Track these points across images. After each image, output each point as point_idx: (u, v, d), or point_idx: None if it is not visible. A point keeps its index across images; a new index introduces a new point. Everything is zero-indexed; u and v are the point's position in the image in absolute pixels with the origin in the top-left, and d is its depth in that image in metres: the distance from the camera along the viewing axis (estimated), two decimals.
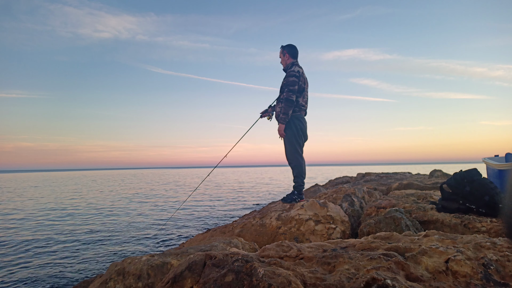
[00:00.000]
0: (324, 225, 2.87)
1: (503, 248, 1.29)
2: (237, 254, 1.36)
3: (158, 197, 14.69)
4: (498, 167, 4.15)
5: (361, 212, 3.79)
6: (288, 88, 3.27)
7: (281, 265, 1.28)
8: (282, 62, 3.51)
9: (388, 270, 1.16)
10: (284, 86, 3.33)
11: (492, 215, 2.56)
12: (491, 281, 1.10)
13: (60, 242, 6.09)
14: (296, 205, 3.16)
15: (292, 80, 3.27)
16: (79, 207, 11.58)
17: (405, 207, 3.15)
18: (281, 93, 3.42)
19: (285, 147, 3.44)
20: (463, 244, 1.37)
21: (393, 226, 2.47)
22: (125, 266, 1.87)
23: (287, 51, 3.47)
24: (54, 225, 7.96)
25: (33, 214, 9.92)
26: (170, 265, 1.83)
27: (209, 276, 1.21)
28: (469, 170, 2.82)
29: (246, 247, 2.43)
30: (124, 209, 10.68)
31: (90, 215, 9.55)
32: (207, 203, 11.91)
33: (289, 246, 1.54)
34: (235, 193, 16.31)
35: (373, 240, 1.59)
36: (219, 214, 9.21)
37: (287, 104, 3.26)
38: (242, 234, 2.98)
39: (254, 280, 1.11)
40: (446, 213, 2.77)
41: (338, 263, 1.29)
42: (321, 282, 1.14)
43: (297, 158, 3.40)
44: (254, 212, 3.54)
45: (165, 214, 9.50)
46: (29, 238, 6.52)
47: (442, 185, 2.96)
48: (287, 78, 3.32)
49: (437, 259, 1.25)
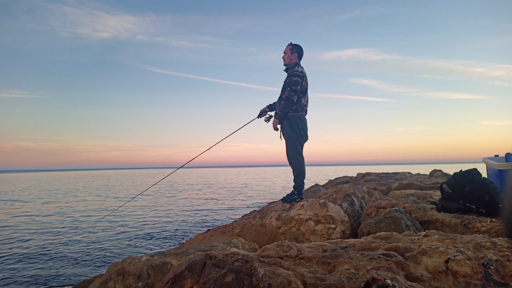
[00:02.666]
0: (324, 225, 2.87)
1: (503, 248, 1.29)
2: (237, 254, 1.36)
3: (158, 197, 14.69)
4: (498, 167, 4.15)
5: (361, 212, 3.79)
6: (291, 87, 3.25)
7: (281, 265, 1.28)
8: (287, 59, 3.45)
9: (388, 270, 1.16)
10: (287, 85, 3.31)
11: (492, 215, 2.56)
12: (491, 281, 1.10)
13: (59, 242, 6.09)
14: (296, 205, 3.16)
15: (295, 80, 3.26)
16: (78, 207, 11.58)
17: (405, 207, 3.15)
18: (283, 92, 3.40)
19: (287, 147, 3.43)
20: (463, 244, 1.37)
21: (393, 226, 2.47)
22: (125, 266, 1.87)
23: (297, 50, 3.44)
24: (53, 225, 7.96)
25: (32, 214, 9.92)
26: (170, 265, 1.83)
27: (209, 276, 1.21)
28: (469, 170, 2.82)
29: (246, 247, 2.43)
30: (124, 209, 10.68)
31: (90, 214, 9.55)
32: (207, 203, 11.91)
33: (289, 246, 1.54)
34: (235, 193, 16.31)
35: (373, 240, 1.59)
36: (219, 214, 9.21)
37: (286, 103, 3.27)
38: (242, 234, 2.98)
39: (254, 280, 1.11)
40: (446, 213, 2.77)
41: (338, 263, 1.29)
42: (321, 282, 1.14)
43: (298, 158, 3.40)
44: (254, 212, 3.54)
45: (165, 214, 9.50)
46: (29, 238, 6.52)
47: (442, 185, 2.96)
48: (290, 78, 3.28)
49: (437, 259, 1.25)
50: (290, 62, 3.44)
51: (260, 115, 3.67)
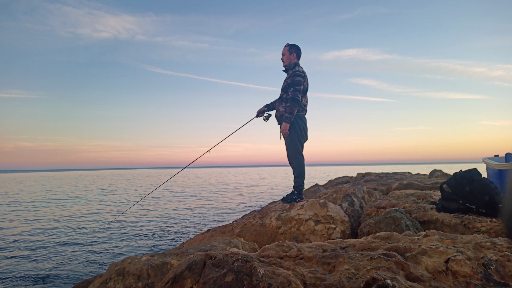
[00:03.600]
0: (324, 225, 2.87)
1: (503, 248, 1.29)
2: (237, 254, 1.36)
3: (158, 197, 14.68)
4: (498, 167, 4.15)
5: (361, 212, 3.79)
6: (294, 87, 3.24)
7: (281, 265, 1.28)
8: (286, 60, 3.44)
9: (388, 270, 1.16)
10: (289, 85, 3.28)
11: (492, 215, 2.56)
12: (491, 281, 1.10)
13: (59, 242, 6.09)
14: (296, 205, 3.16)
15: (298, 79, 3.25)
16: (78, 207, 11.58)
17: (405, 207, 3.15)
18: (284, 92, 3.38)
19: (288, 147, 3.41)
20: (463, 244, 1.37)
21: (393, 226, 2.47)
22: (125, 266, 1.87)
23: (295, 50, 3.43)
24: (53, 225, 7.96)
25: (31, 214, 9.92)
26: (170, 265, 1.83)
27: (209, 276, 1.21)
28: (469, 170, 2.82)
29: (246, 247, 2.43)
30: (124, 209, 10.68)
31: (89, 214, 9.55)
32: (207, 203, 11.90)
33: (289, 246, 1.54)
34: (235, 193, 16.30)
35: (373, 240, 1.58)
36: (219, 214, 9.21)
37: (293, 103, 3.23)
38: (242, 234, 2.98)
39: (254, 280, 1.11)
40: (446, 213, 2.77)
41: (338, 263, 1.29)
42: (321, 282, 1.14)
43: (299, 158, 3.40)
44: (254, 212, 3.54)
45: (165, 214, 9.50)
46: (28, 238, 6.52)
47: (442, 185, 2.96)
48: (293, 78, 3.27)
49: (437, 259, 1.25)
50: (290, 62, 3.44)
51: (259, 115, 3.67)
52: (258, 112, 3.68)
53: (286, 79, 3.40)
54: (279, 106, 3.42)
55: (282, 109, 3.35)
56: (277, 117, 3.47)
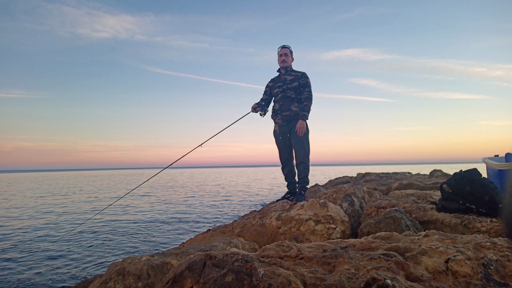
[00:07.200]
0: (324, 225, 2.87)
1: (503, 248, 1.29)
2: (237, 254, 1.36)
3: (158, 197, 14.69)
4: (498, 167, 4.15)
5: (361, 212, 3.80)
6: (310, 88, 3.44)
7: (281, 265, 1.28)
8: (288, 62, 3.53)
9: (388, 270, 1.16)
10: (304, 86, 3.43)
11: (492, 215, 2.56)
12: (491, 281, 1.10)
13: (59, 242, 6.09)
14: (296, 205, 3.16)
15: (309, 81, 3.46)
16: (77, 207, 11.58)
17: (405, 207, 3.15)
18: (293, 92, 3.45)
19: (302, 145, 3.43)
20: (463, 244, 1.37)
21: (393, 226, 2.47)
22: (125, 266, 1.87)
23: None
24: (52, 225, 7.96)
25: (31, 214, 9.92)
26: (170, 265, 1.83)
27: (209, 276, 1.21)
28: (469, 170, 2.82)
29: (246, 247, 2.43)
30: (124, 209, 10.67)
31: (89, 215, 9.54)
32: (207, 203, 11.90)
33: (289, 246, 1.54)
34: (235, 193, 16.31)
35: (373, 240, 1.58)
36: (219, 214, 9.21)
37: (311, 103, 3.41)
38: (242, 234, 2.97)
39: (254, 280, 1.11)
40: (446, 213, 2.77)
41: (338, 263, 1.29)
42: (321, 282, 1.14)
43: (309, 159, 3.47)
44: (254, 212, 3.54)
45: (165, 214, 9.50)
46: (28, 238, 6.51)
47: (442, 185, 2.96)
48: (306, 79, 3.44)
49: (437, 259, 1.25)
50: (290, 64, 3.55)
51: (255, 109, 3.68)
52: (253, 108, 3.69)
53: (294, 80, 3.45)
54: (289, 105, 3.44)
55: (295, 108, 3.41)
56: (287, 116, 3.45)
